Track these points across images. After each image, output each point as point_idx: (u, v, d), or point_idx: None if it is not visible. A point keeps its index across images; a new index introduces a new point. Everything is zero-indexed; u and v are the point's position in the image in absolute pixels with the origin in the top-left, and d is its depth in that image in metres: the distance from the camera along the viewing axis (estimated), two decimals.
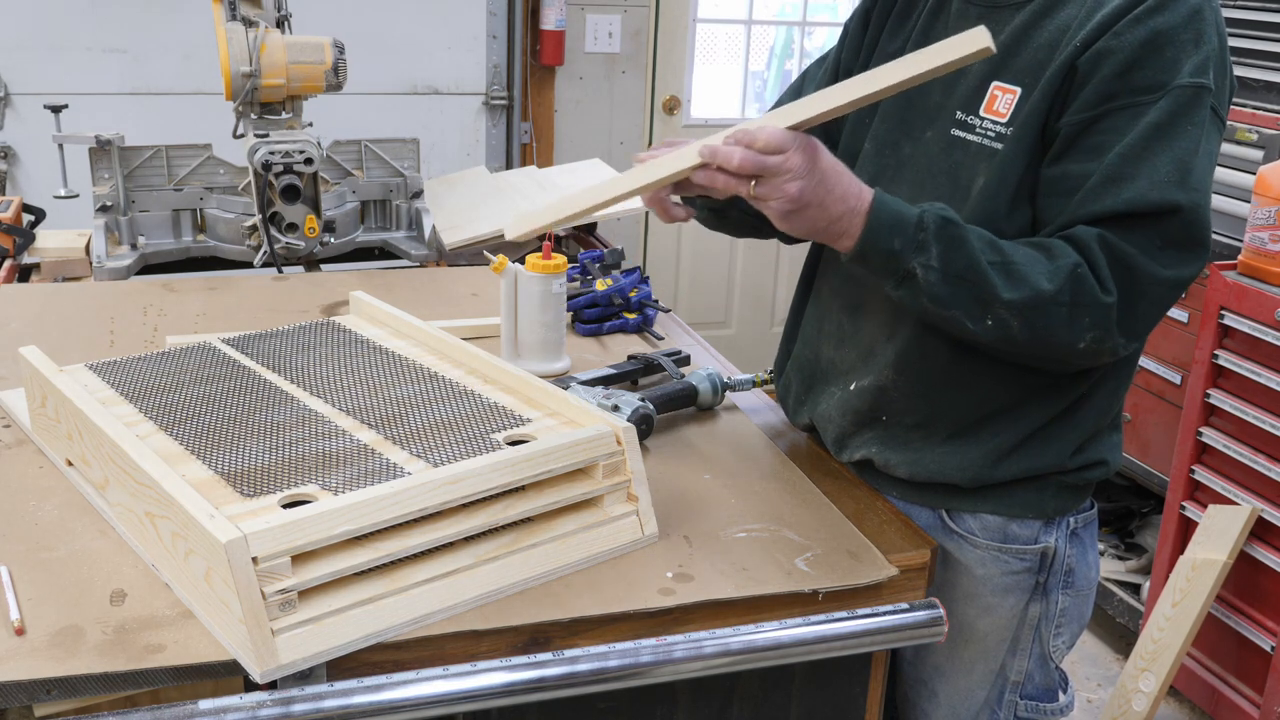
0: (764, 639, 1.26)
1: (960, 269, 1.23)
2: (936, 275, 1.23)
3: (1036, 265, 1.24)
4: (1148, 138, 1.22)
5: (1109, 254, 1.23)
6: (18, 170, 3.61)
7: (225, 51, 2.27)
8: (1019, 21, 1.32)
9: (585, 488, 1.31)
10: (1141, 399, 3.00)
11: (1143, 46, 1.22)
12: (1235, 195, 2.73)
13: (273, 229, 2.38)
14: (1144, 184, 1.22)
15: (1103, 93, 1.24)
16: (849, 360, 1.48)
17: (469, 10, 4.03)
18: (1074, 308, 1.23)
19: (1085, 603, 1.49)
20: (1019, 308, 1.23)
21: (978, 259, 1.23)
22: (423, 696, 1.14)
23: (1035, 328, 1.24)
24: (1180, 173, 1.22)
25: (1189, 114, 1.22)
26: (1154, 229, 1.23)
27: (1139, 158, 1.23)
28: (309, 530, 1.11)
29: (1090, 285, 1.23)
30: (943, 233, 1.23)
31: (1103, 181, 1.25)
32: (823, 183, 1.22)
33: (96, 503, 1.36)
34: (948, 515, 1.44)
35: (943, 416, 1.40)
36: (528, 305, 1.83)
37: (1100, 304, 1.23)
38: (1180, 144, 1.22)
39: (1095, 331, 1.24)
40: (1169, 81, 1.22)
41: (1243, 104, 2.76)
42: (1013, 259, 1.24)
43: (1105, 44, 1.24)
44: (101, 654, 1.10)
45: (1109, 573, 3.12)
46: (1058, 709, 1.51)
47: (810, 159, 1.21)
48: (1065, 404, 1.38)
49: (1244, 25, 2.76)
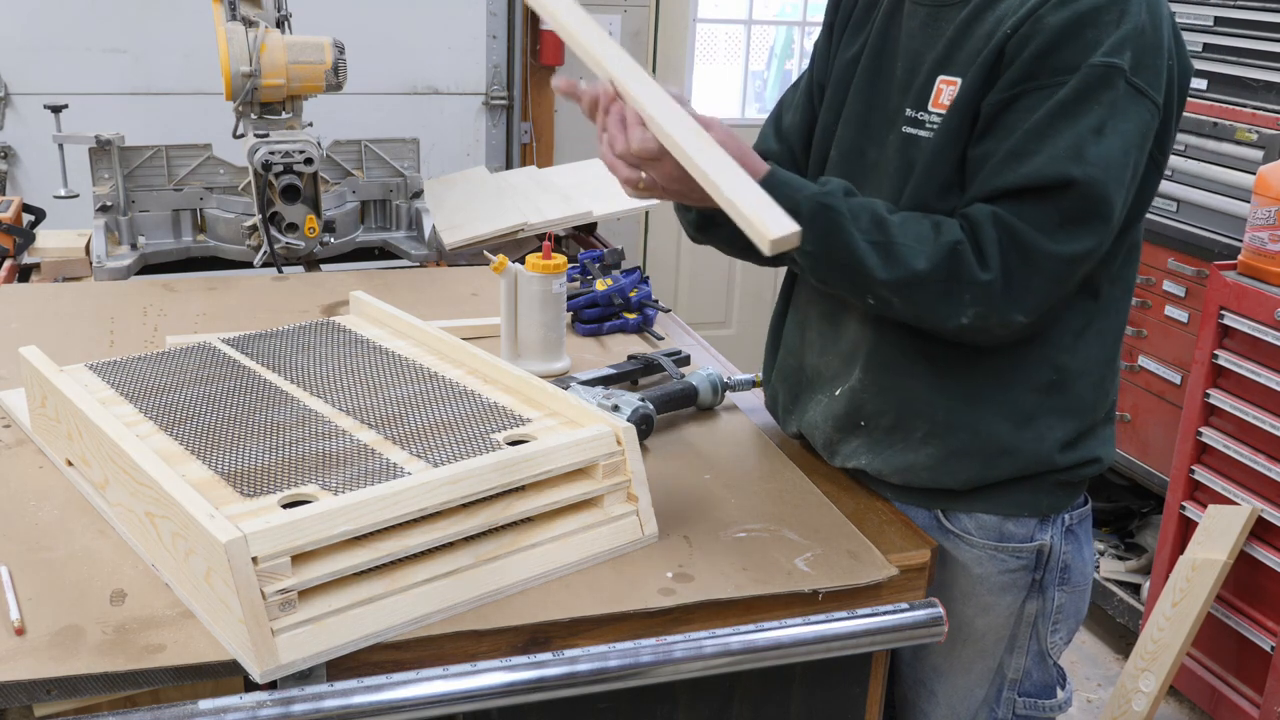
0: (764, 639, 1.26)
1: (833, 253, 1.27)
2: (809, 260, 1.28)
3: (919, 244, 1.26)
4: (1053, 115, 1.24)
5: (1001, 230, 1.24)
6: (18, 170, 3.61)
7: (225, 51, 2.27)
8: (964, 15, 1.33)
9: (585, 488, 1.31)
10: (1141, 399, 3.00)
11: (1063, 28, 1.24)
12: (1235, 195, 2.73)
13: (273, 229, 2.37)
14: (1042, 160, 1.23)
15: (1023, 73, 1.26)
16: (832, 367, 1.49)
17: (469, 10, 4.03)
18: (949, 286, 1.25)
19: (1082, 598, 1.49)
20: (893, 287, 1.26)
21: (854, 242, 1.26)
22: (423, 696, 1.14)
23: (913, 305, 1.28)
24: (1078, 148, 1.22)
25: (1096, 92, 1.23)
26: (1050, 204, 1.24)
27: (1042, 135, 1.24)
28: (309, 530, 1.11)
29: (968, 263, 1.24)
30: (819, 217, 1.26)
31: (1004, 158, 1.26)
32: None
33: (96, 503, 1.36)
34: (943, 515, 1.44)
35: (915, 415, 1.40)
36: (528, 305, 1.83)
37: (978, 282, 1.24)
38: (1084, 121, 1.23)
39: (977, 308, 1.25)
40: (1084, 61, 1.23)
41: (1243, 104, 2.76)
42: (895, 239, 1.26)
43: (1030, 27, 1.25)
44: (101, 654, 1.10)
45: (1109, 573, 3.12)
46: (1056, 705, 1.51)
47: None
48: (1040, 398, 1.37)
49: (1244, 25, 2.76)
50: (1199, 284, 2.77)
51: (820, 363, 1.51)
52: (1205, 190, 2.82)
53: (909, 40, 1.40)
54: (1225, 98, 2.81)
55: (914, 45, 1.39)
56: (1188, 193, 2.85)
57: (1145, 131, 1.26)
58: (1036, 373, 1.36)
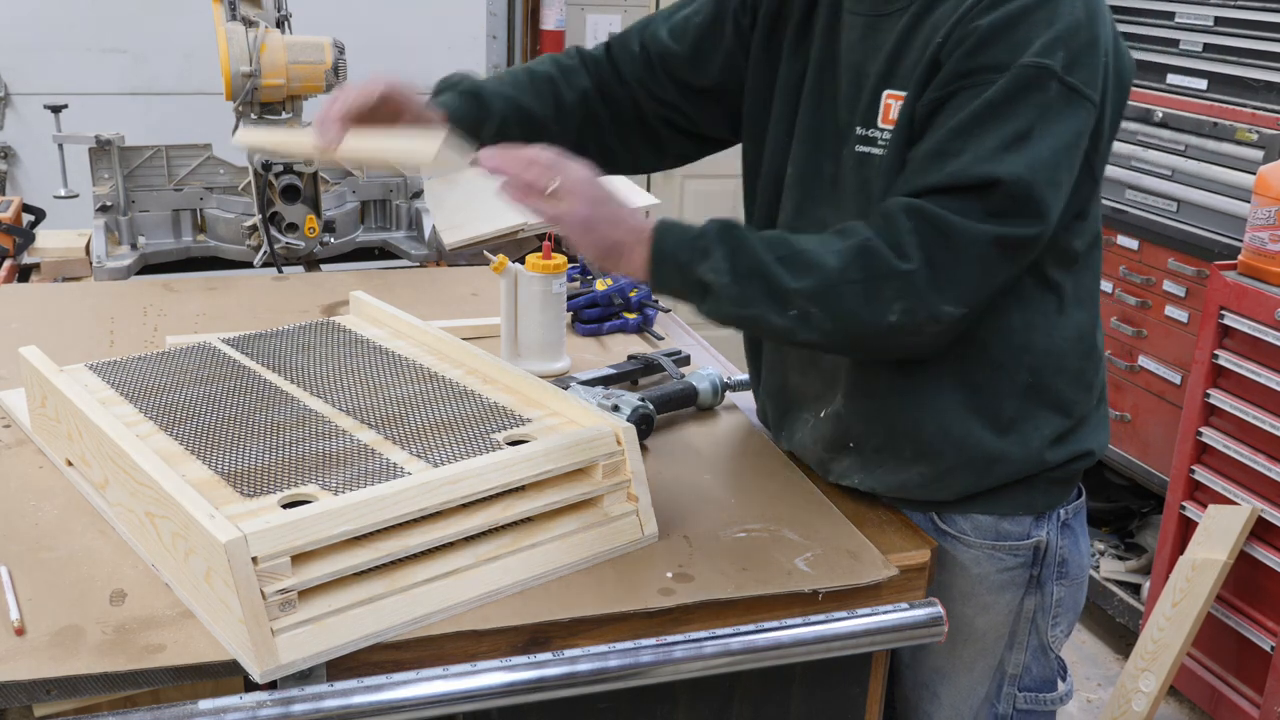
0: (764, 639, 1.26)
1: (747, 267, 1.23)
2: (726, 276, 1.23)
3: (826, 248, 1.23)
4: (980, 114, 1.21)
5: (919, 220, 1.21)
6: (18, 170, 3.61)
7: (225, 51, 2.27)
8: (902, 26, 1.31)
9: (585, 488, 1.31)
10: (1141, 399, 3.00)
11: (993, 28, 1.21)
12: (1235, 195, 2.73)
13: (273, 229, 2.37)
14: (967, 159, 1.20)
15: (953, 73, 1.24)
16: (815, 387, 1.48)
17: (469, 10, 4.03)
18: (869, 282, 1.21)
19: (1080, 590, 1.50)
20: (811, 294, 1.22)
21: (762, 257, 1.23)
22: (423, 696, 1.14)
23: (835, 311, 1.22)
24: (1005, 148, 1.19)
25: (1027, 93, 1.20)
26: (975, 201, 1.20)
27: (968, 133, 1.21)
28: (309, 530, 1.11)
29: (883, 257, 1.20)
30: (724, 236, 1.24)
31: (928, 156, 1.24)
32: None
33: (96, 503, 1.36)
34: (939, 518, 1.44)
35: (901, 436, 1.39)
36: (528, 305, 1.83)
37: (898, 273, 1.20)
38: (1014, 122, 1.20)
39: (902, 302, 1.21)
40: (1014, 61, 1.20)
41: (1243, 104, 2.76)
42: (800, 249, 1.24)
43: (961, 31, 1.23)
44: (101, 654, 1.10)
45: (1109, 573, 3.12)
46: (1057, 698, 1.51)
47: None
48: (1021, 402, 1.36)
49: (1244, 25, 2.76)
50: (1199, 284, 2.77)
51: (803, 382, 1.51)
52: (1205, 190, 2.82)
53: (849, 53, 1.37)
54: (1225, 98, 2.81)
55: (855, 58, 1.36)
56: (1188, 193, 2.85)
57: (1081, 130, 1.23)
58: (1013, 377, 1.35)
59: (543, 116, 1.55)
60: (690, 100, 1.57)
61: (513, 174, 1.24)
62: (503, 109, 1.52)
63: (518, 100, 1.54)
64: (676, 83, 1.57)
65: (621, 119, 1.60)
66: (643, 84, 1.58)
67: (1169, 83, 2.96)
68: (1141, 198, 2.98)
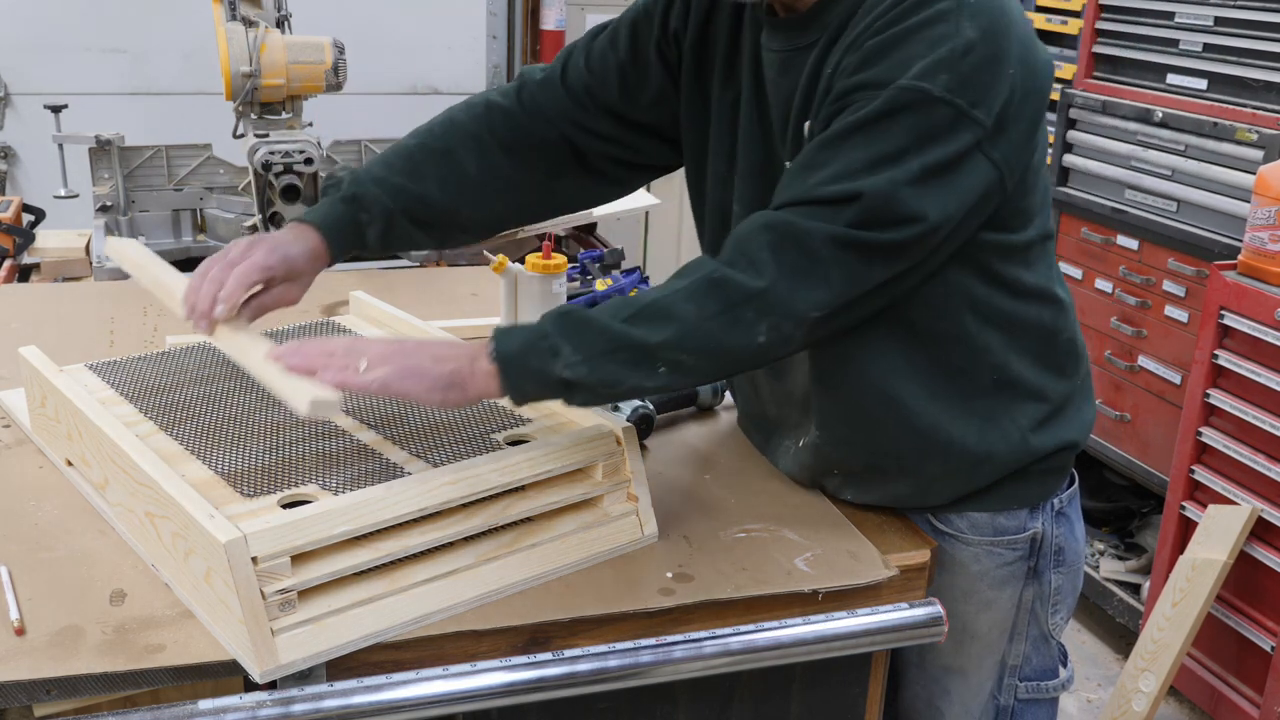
0: (764, 639, 1.26)
1: (601, 347, 1.18)
2: (584, 368, 1.17)
3: (673, 293, 1.19)
4: (849, 131, 1.19)
5: (772, 232, 1.18)
6: (18, 170, 3.62)
7: (225, 51, 2.27)
8: (813, 59, 1.29)
9: (585, 488, 1.31)
10: (1141, 399, 3.00)
11: (876, 48, 1.20)
12: (1235, 195, 2.73)
13: (273, 229, 2.37)
14: (830, 173, 1.18)
15: (837, 93, 1.22)
16: (792, 417, 1.47)
17: (469, 10, 4.03)
18: (727, 311, 1.18)
19: (1077, 576, 1.50)
20: (675, 342, 1.18)
21: (612, 328, 1.18)
22: (423, 696, 1.14)
23: (704, 349, 1.19)
24: (873, 167, 1.17)
25: (902, 115, 1.17)
26: (832, 211, 1.17)
27: (836, 149, 1.19)
28: (309, 530, 1.11)
29: (734, 282, 1.18)
30: (562, 325, 1.19)
31: (795, 169, 1.22)
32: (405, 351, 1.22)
33: (96, 503, 1.36)
34: (935, 517, 1.44)
35: (883, 457, 1.39)
36: (528, 305, 1.83)
37: (753, 292, 1.17)
38: (884, 142, 1.17)
39: (766, 320, 1.18)
40: (891, 81, 1.18)
41: (1243, 104, 2.76)
42: (647, 302, 1.19)
43: (851, 53, 1.22)
44: (101, 654, 1.10)
45: (1109, 573, 3.12)
46: (1058, 685, 1.51)
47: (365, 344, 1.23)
48: (992, 399, 1.35)
49: (1244, 25, 2.76)
50: (1199, 284, 2.77)
51: (780, 413, 1.50)
52: (1205, 190, 2.81)
53: (774, 88, 1.36)
54: (1225, 98, 2.81)
55: (779, 93, 1.35)
56: (1188, 193, 2.85)
57: (964, 151, 1.19)
58: (977, 378, 1.34)
59: (439, 199, 1.48)
60: (629, 132, 1.53)
61: (319, 370, 1.19)
62: (386, 207, 1.45)
63: (406, 189, 1.47)
64: (611, 115, 1.51)
65: (551, 161, 1.53)
66: (575, 122, 1.51)
67: (1169, 83, 2.96)
68: (1141, 198, 2.98)
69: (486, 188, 1.51)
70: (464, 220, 1.52)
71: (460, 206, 1.50)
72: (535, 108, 1.52)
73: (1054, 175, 3.21)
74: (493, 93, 1.56)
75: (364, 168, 1.49)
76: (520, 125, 1.52)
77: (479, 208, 1.51)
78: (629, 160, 1.56)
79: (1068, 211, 3.20)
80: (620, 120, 1.52)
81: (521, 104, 1.53)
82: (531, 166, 1.53)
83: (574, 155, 1.54)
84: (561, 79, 1.52)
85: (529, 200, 1.56)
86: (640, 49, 1.49)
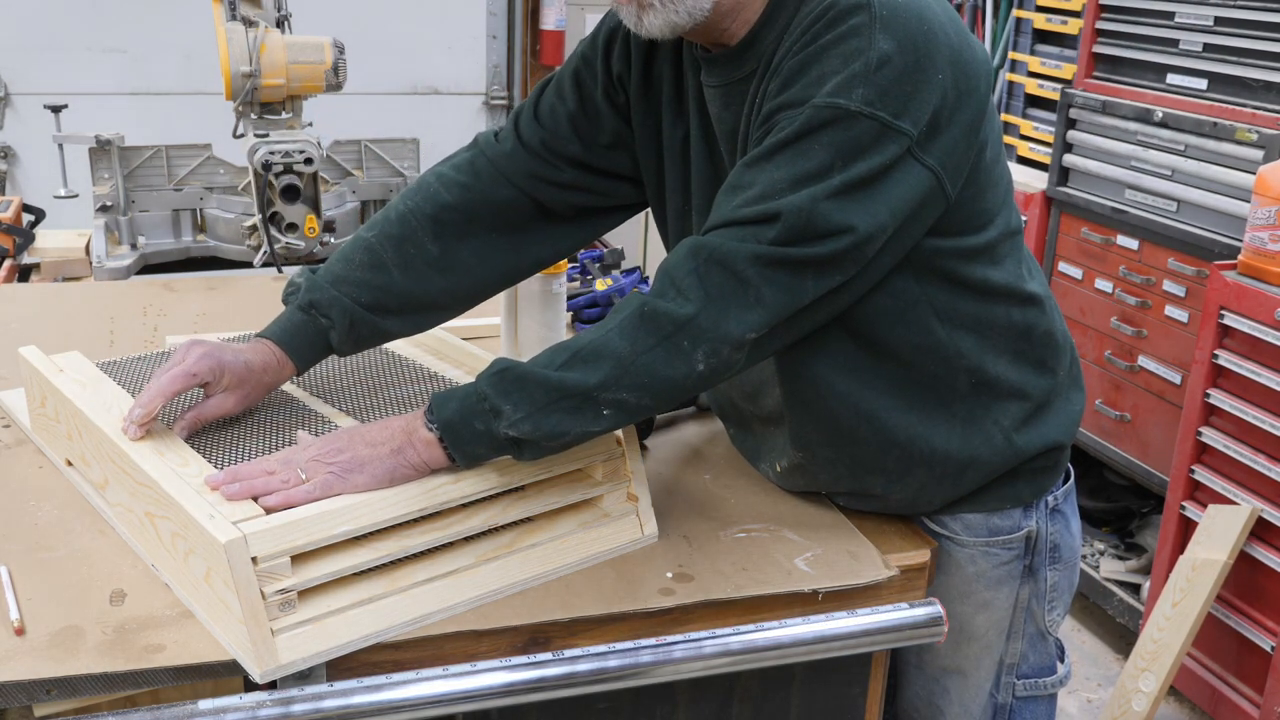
0: (764, 639, 1.26)
1: (541, 401, 1.17)
2: (528, 423, 1.17)
3: (605, 333, 1.19)
4: (771, 151, 1.19)
5: (698, 258, 1.18)
6: (18, 170, 3.62)
7: (225, 51, 2.27)
8: (752, 90, 1.30)
9: (585, 488, 1.31)
10: (1141, 399, 3.00)
11: (795, 67, 1.20)
12: (1235, 195, 2.73)
13: (273, 229, 2.38)
14: (753, 193, 1.18)
15: (763, 116, 1.23)
16: (772, 438, 1.47)
17: (469, 10, 4.04)
18: (662, 343, 1.17)
19: (1074, 571, 1.50)
20: (614, 381, 1.17)
21: (546, 378, 1.18)
22: (422, 696, 1.14)
23: (643, 383, 1.18)
24: (795, 185, 1.17)
25: (821, 132, 1.16)
26: (757, 234, 1.17)
27: (760, 169, 1.19)
28: (309, 530, 1.11)
29: (663, 313, 1.17)
30: (500, 384, 1.19)
31: (722, 193, 1.23)
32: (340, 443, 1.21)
33: (96, 503, 1.36)
34: (930, 519, 1.44)
35: (867, 473, 1.38)
36: (528, 305, 1.83)
37: (684, 320, 1.17)
38: (805, 161, 1.17)
39: (702, 348, 1.17)
40: (808, 99, 1.18)
41: (1243, 104, 2.76)
42: (580, 345, 1.19)
43: (774, 81, 1.23)
44: (101, 654, 1.10)
45: (1109, 573, 3.12)
46: (1056, 680, 1.51)
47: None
48: (971, 403, 1.35)
49: (1244, 25, 2.76)
50: (1199, 284, 2.77)
51: (762, 434, 1.49)
52: (1205, 190, 2.81)
53: (719, 122, 1.36)
54: (1225, 98, 2.81)
55: (724, 126, 1.35)
56: (1188, 193, 2.85)
57: (889, 162, 1.18)
58: (954, 384, 1.34)
59: (405, 285, 1.46)
60: (593, 177, 1.51)
61: (262, 494, 1.17)
62: (346, 307, 1.42)
63: (369, 282, 1.44)
64: (574, 164, 1.50)
65: (515, 221, 1.51)
66: (536, 176, 1.49)
67: (1169, 83, 2.96)
68: (1141, 198, 2.98)
69: (453, 262, 1.49)
70: (436, 299, 1.50)
71: (429, 288, 1.48)
72: (492, 171, 1.50)
73: (1054, 175, 3.21)
74: (442, 165, 1.55)
75: (322, 270, 1.46)
76: (476, 191, 1.50)
77: (449, 284, 1.49)
78: (596, 206, 1.55)
79: (1068, 211, 3.20)
80: (584, 167, 1.51)
81: (475, 170, 1.51)
82: (495, 230, 1.51)
83: (537, 210, 1.52)
84: (517, 136, 1.51)
85: (499, 264, 1.53)
86: (587, 97, 1.49)
